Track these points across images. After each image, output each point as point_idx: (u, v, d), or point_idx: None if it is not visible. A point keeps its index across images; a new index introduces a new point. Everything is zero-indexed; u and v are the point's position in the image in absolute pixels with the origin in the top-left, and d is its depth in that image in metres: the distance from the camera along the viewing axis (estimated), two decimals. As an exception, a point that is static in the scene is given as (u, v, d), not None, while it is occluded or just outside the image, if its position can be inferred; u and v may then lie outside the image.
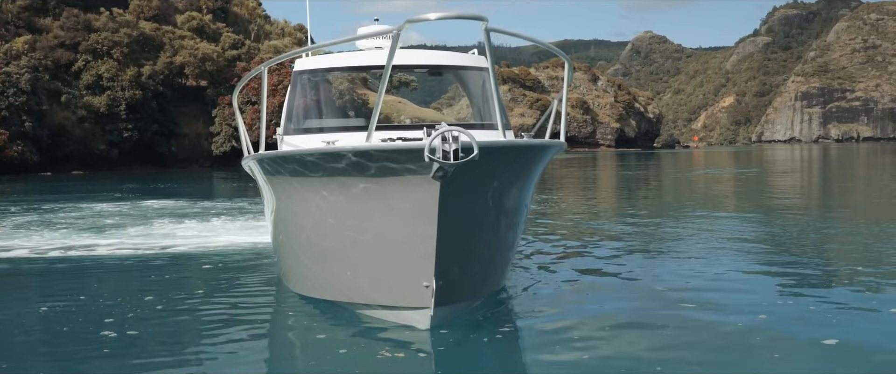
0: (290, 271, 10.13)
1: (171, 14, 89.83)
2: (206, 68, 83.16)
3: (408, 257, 7.67)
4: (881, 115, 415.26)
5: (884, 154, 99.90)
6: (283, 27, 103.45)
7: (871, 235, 15.68)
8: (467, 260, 8.11)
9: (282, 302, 10.05)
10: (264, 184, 9.99)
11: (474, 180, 7.47)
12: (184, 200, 30.19)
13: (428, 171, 7.08)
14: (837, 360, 7.06)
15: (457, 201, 7.38)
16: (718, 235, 15.89)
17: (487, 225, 8.13)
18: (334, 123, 11.10)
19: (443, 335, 7.89)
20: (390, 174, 7.33)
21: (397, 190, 7.40)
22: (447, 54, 11.36)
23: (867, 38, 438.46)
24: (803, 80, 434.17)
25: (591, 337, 7.90)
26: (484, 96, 11.03)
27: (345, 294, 8.76)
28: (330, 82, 12.08)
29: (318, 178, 7.97)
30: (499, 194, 7.96)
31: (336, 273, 8.64)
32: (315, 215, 8.44)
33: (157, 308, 9.62)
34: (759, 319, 8.53)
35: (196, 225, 19.84)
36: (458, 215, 7.50)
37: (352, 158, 7.39)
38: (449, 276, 7.77)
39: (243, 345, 7.99)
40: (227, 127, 79.66)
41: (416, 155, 6.99)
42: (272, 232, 10.74)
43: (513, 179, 8.12)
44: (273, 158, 8.59)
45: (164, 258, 14.01)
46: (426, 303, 7.79)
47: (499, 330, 8.26)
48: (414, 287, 7.76)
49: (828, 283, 10.73)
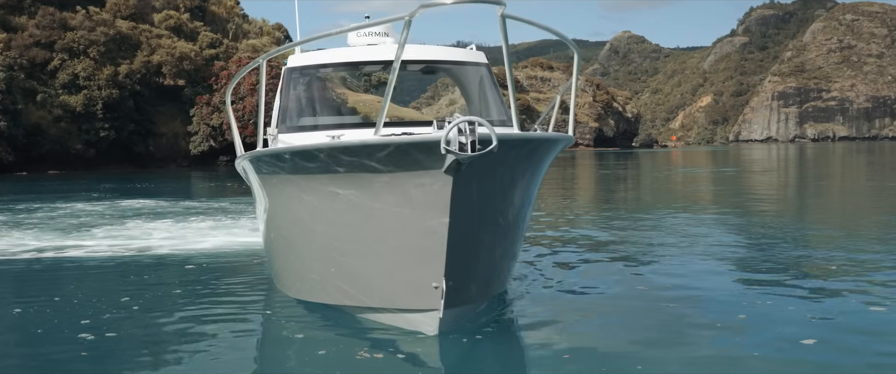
0: (285, 274, 9.73)
1: (149, 13, 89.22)
2: (183, 67, 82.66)
3: (416, 256, 7.29)
4: (856, 114, 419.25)
5: (859, 154, 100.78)
6: (261, 26, 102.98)
7: (847, 234, 15.82)
8: (478, 260, 7.75)
9: (273, 305, 9.73)
10: (258, 184, 9.58)
11: (488, 174, 7.10)
12: (163, 200, 29.94)
13: (440, 165, 6.72)
14: (816, 359, 7.07)
15: (469, 197, 7.04)
16: (698, 234, 15.96)
17: (498, 222, 7.73)
18: (330, 120, 10.67)
19: (446, 340, 7.63)
20: (401, 169, 6.95)
21: (407, 185, 7.03)
22: (446, 50, 10.97)
23: (843, 39, 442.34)
24: (780, 80, 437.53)
25: (589, 341, 7.80)
26: (486, 92, 10.66)
27: (346, 297, 8.34)
28: (323, 79, 11.68)
29: (321, 175, 7.58)
30: (510, 188, 7.61)
31: (337, 275, 8.24)
32: (316, 214, 8.04)
33: (134, 309, 9.51)
34: (738, 319, 8.58)
35: (174, 225, 19.68)
36: (469, 212, 7.15)
37: (363, 151, 6.98)
38: (459, 276, 7.40)
39: (233, 349, 7.80)
40: (205, 126, 79.24)
41: (431, 148, 6.62)
42: (265, 234, 10.34)
43: (525, 173, 7.76)
44: (275, 154, 8.06)
45: (144, 259, 13.86)
46: (435, 305, 7.39)
47: (503, 335, 8.07)
48: (422, 288, 7.37)
49: (806, 282, 10.77)
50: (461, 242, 7.18)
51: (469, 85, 11.11)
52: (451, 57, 10.76)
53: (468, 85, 11.15)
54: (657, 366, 6.90)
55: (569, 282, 10.94)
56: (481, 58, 10.88)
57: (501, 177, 7.32)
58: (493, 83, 10.76)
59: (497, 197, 7.43)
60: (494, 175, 7.17)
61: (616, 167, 64.21)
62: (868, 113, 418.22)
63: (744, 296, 9.76)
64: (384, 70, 10.78)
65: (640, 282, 10.90)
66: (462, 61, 10.79)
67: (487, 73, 10.88)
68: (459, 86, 11.68)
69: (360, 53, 10.42)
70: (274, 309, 9.57)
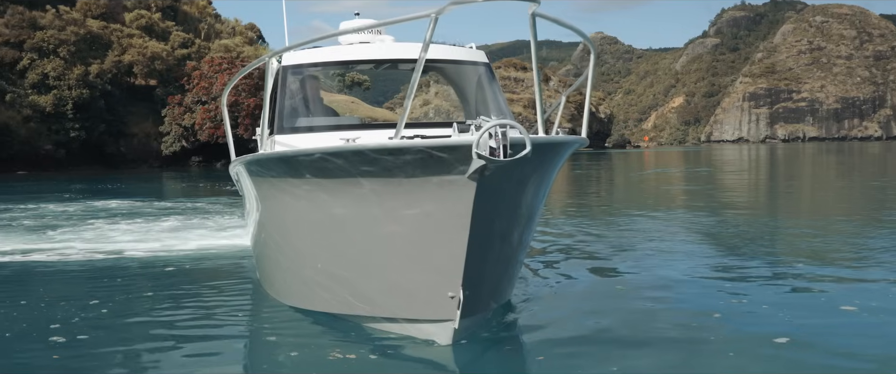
0: (281, 281, 9.33)
1: (120, 12, 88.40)
2: (155, 67, 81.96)
3: (433, 264, 6.97)
4: (826, 115, 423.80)
5: (828, 154, 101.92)
6: (234, 26, 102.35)
7: (817, 233, 15.97)
8: (493, 268, 7.47)
9: (265, 312, 9.35)
10: (254, 187, 9.17)
11: (509, 180, 6.81)
12: (135, 200, 29.67)
13: (464, 170, 6.43)
14: (790, 357, 7.14)
15: (489, 204, 6.76)
16: (672, 234, 16.06)
17: (513, 228, 7.45)
18: (327, 121, 10.19)
19: (456, 347, 7.39)
20: (422, 173, 6.64)
21: (428, 190, 6.71)
22: (444, 48, 10.47)
23: (812, 40, 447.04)
24: (751, 81, 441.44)
25: (588, 347, 7.71)
26: (484, 92, 10.31)
27: (351, 306, 7.99)
28: (318, 79, 11.15)
29: (334, 179, 7.22)
30: (526, 193, 7.29)
31: (343, 283, 7.89)
32: (323, 221, 7.66)
33: (103, 312, 9.41)
34: (713, 317, 8.63)
35: (146, 226, 19.51)
36: (489, 219, 6.86)
37: (385, 155, 6.62)
38: (475, 285, 7.11)
39: (225, 356, 7.61)
40: (177, 127, 78.64)
41: (459, 152, 6.32)
42: (259, 239, 9.94)
43: (541, 177, 7.44)
44: (284, 157, 7.61)
45: (116, 262, 13.70)
46: (450, 315, 7.08)
47: (511, 342, 7.92)
48: (437, 298, 7.05)
49: (778, 281, 10.86)
50: (479, 250, 6.93)
51: (467, 85, 10.74)
52: (450, 56, 10.40)
53: (466, 85, 10.78)
54: (631, 365, 6.93)
55: (563, 284, 10.89)
56: (480, 57, 10.51)
57: (520, 182, 7.04)
58: (492, 83, 10.39)
59: (513, 202, 7.15)
60: (513, 180, 6.89)
61: (589, 167, 64.45)
62: (837, 114, 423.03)
63: (717, 296, 9.83)
64: (377, 67, 10.46)
65: (620, 283, 10.95)
66: (460, 61, 10.42)
67: (487, 72, 10.50)
68: (455, 86, 11.30)
69: (360, 51, 10.04)
70: (266, 316, 9.19)
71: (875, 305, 9.13)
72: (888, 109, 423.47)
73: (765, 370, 6.80)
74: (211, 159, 78.53)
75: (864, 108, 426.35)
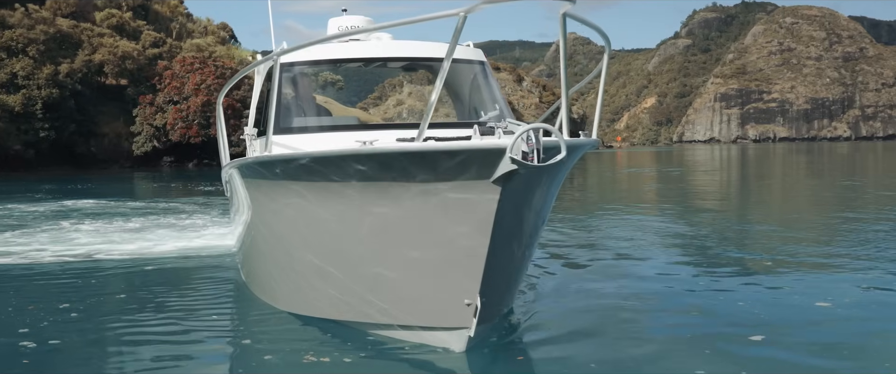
0: (276, 286, 9.02)
1: (90, 11, 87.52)
2: (126, 67, 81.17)
3: (451, 270, 6.74)
4: (796, 116, 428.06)
5: (798, 154, 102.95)
6: (206, 25, 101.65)
7: (789, 231, 16.11)
8: (507, 274, 7.25)
9: (258, 318, 8.99)
10: (248, 189, 8.82)
11: (529, 185, 6.55)
12: (109, 200, 29.35)
13: (489, 174, 6.19)
14: (766, 354, 7.18)
15: (510, 209, 6.53)
16: (647, 234, 16.14)
17: (527, 233, 7.21)
18: (324, 122, 9.79)
19: (466, 355, 7.18)
20: (445, 178, 6.38)
21: (450, 195, 6.47)
22: (438, 46, 9.95)
23: (783, 42, 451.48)
24: (722, 81, 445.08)
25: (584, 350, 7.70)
26: (480, 90, 9.98)
27: (358, 312, 7.72)
28: (310, 78, 10.64)
29: (348, 182, 6.91)
30: (541, 198, 7.04)
31: (352, 288, 7.60)
32: (335, 224, 7.34)
33: (74, 316, 9.28)
34: (693, 316, 8.68)
35: (119, 227, 19.30)
36: (508, 224, 6.64)
37: (412, 159, 6.31)
38: (491, 292, 6.93)
39: (221, 363, 7.42)
40: (149, 127, 78.00)
41: (492, 156, 6.06)
42: (248, 244, 9.62)
43: (555, 181, 7.21)
44: (293, 159, 7.21)
45: (91, 264, 13.53)
46: (466, 323, 6.88)
47: (519, 348, 7.74)
48: (453, 305, 6.84)
49: (754, 280, 10.93)
50: (497, 256, 6.73)
51: (461, 83, 10.39)
52: (442, 54, 9.65)
53: (460, 83, 10.42)
54: (609, 366, 6.95)
55: (553, 286, 10.79)
56: (476, 55, 10.19)
57: (538, 186, 6.78)
58: (488, 81, 10.04)
59: (530, 207, 6.92)
60: (533, 184, 6.64)
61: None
62: (807, 114, 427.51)
63: (693, 295, 9.89)
64: (366, 65, 10.10)
65: (598, 284, 10.96)
66: (455, 59, 9.68)
67: (482, 70, 10.17)
68: (448, 84, 10.80)
69: (357, 49, 9.62)
70: (262, 323, 8.84)
71: (848, 301, 9.26)
72: (857, 110, 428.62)
73: (742, 368, 6.82)
74: (183, 160, 77.99)
75: (833, 108, 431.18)
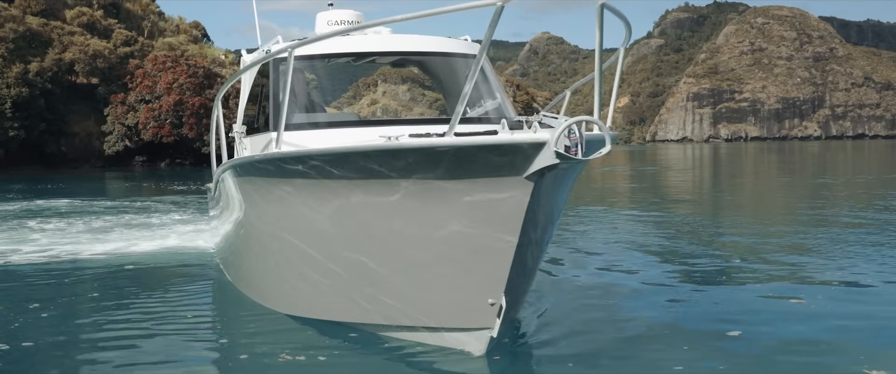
0: (276, 288, 8.67)
1: (60, 9, 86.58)
2: (97, 65, 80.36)
3: (476, 269, 6.46)
4: (767, 115, 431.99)
5: (770, 153, 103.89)
6: (178, 24, 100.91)
7: (764, 230, 16.23)
8: (528, 271, 7.02)
9: (255, 322, 8.67)
10: (243, 188, 8.50)
11: (555, 180, 6.31)
12: (80, 200, 29.02)
13: (522, 170, 5.92)
14: (741, 350, 7.24)
15: (539, 205, 6.27)
16: (622, 233, 16.22)
17: (547, 230, 7.00)
18: (327, 118, 9.37)
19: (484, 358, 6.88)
20: (473, 174, 6.11)
21: (478, 191, 6.18)
22: (433, 40, 9.61)
23: (754, 42, 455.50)
24: (694, 81, 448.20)
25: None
26: (478, 86, 9.46)
27: (369, 314, 7.42)
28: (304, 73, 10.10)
29: (367, 179, 6.59)
30: (561, 193, 6.86)
31: (364, 290, 7.26)
32: (351, 223, 6.99)
33: (46, 316, 9.15)
34: (668, 313, 8.71)
35: (90, 227, 19.08)
36: (534, 221, 6.39)
37: (450, 153, 5.98)
38: (514, 291, 6.69)
39: None
40: (120, 126, 77.25)
41: (530, 150, 5.75)
42: (240, 245, 9.26)
43: (574, 178, 7.02)
44: (322, 155, 6.73)
45: (65, 265, 13.36)
46: (489, 323, 6.62)
47: (535, 350, 7.56)
48: (476, 305, 6.57)
49: (729, 277, 11.03)
50: (523, 254, 6.48)
51: (455, 79, 9.93)
52: (436, 48, 9.60)
53: (454, 79, 9.98)
54: (584, 364, 6.95)
55: (551, 285, 10.73)
56: (473, 49, 9.79)
57: (562, 181, 6.60)
58: (486, 77, 9.63)
59: (552, 203, 6.69)
60: (559, 180, 6.42)
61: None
62: (778, 114, 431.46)
63: (668, 293, 9.93)
64: (356, 61, 9.74)
65: (574, 281, 10.98)
66: (451, 53, 9.66)
67: (487, 65, 9.71)
68: (440, 80, 10.60)
69: (362, 43, 9.20)
70: (261, 327, 8.47)
71: (821, 297, 9.37)
72: (827, 110, 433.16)
73: (718, 363, 6.84)
74: (155, 159, 77.32)
75: (804, 108, 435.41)
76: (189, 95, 71.40)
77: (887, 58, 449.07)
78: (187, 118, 70.85)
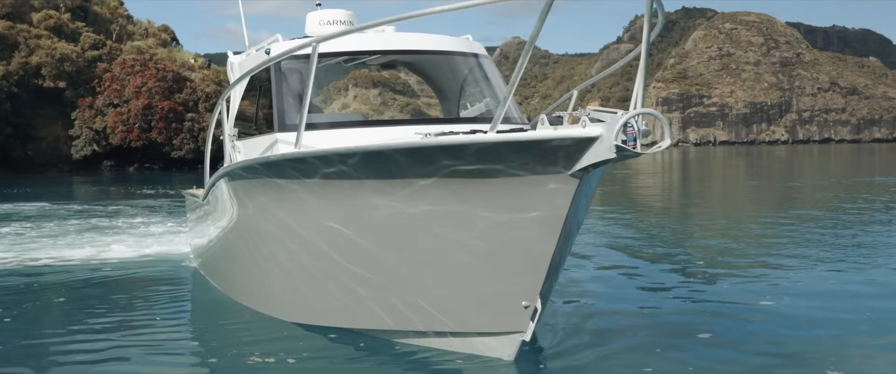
0: (285, 296, 8.26)
1: (27, 12, 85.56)
2: (64, 69, 79.50)
3: (511, 271, 6.19)
4: (736, 120, 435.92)
5: (738, 157, 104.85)
6: (146, 28, 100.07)
7: (734, 232, 16.41)
8: (558, 272, 6.76)
9: (256, 330, 8.34)
10: (235, 193, 8.25)
11: (592, 178, 6.11)
12: (50, 203, 28.70)
13: (568, 167, 5.68)
14: (712, 352, 7.31)
15: (577, 203, 6.02)
16: (595, 236, 16.26)
17: (577, 229, 6.74)
18: (331, 118, 9.10)
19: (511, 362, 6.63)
20: (512, 172, 5.85)
21: (517, 190, 5.91)
22: (430, 38, 9.29)
23: (722, 47, 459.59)
24: (664, 86, 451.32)
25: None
26: (481, 86, 9.36)
27: (389, 321, 7.10)
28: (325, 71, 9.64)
29: (392, 179, 6.32)
30: (593, 192, 6.66)
31: (383, 295, 6.97)
32: (370, 225, 6.71)
33: (8, 322, 9.06)
34: (642, 314, 8.79)
35: (63, 231, 18.88)
36: (571, 220, 6.11)
37: (502, 150, 5.73)
38: (548, 293, 6.46)
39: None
40: (88, 130, 76.43)
41: (582, 144, 5.52)
42: (247, 251, 8.81)
43: (600, 176, 6.69)
44: (343, 154, 6.42)
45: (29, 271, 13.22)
46: (522, 327, 6.34)
47: (558, 351, 7.36)
48: (510, 308, 6.28)
49: (700, 280, 11.14)
50: (559, 254, 6.22)
51: (451, 78, 9.73)
52: (430, 46, 9.26)
53: (450, 78, 9.77)
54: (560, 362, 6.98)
55: None
56: (471, 47, 9.52)
57: (597, 179, 6.40)
58: (486, 75, 9.44)
59: (585, 201, 6.45)
60: (592, 178, 6.17)
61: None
62: (746, 118, 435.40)
63: (641, 294, 10.02)
64: (351, 60, 9.22)
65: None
66: (449, 51, 9.32)
67: (477, 64, 9.49)
68: (432, 79, 10.31)
69: (366, 42, 8.85)
70: (256, 334, 8.19)
71: (788, 299, 9.49)
72: (794, 114, 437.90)
73: (690, 363, 6.91)
74: (123, 164, 76.55)
75: (771, 112, 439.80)
76: (158, 99, 70.89)
77: (852, 63, 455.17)
78: (156, 122, 70.32)
